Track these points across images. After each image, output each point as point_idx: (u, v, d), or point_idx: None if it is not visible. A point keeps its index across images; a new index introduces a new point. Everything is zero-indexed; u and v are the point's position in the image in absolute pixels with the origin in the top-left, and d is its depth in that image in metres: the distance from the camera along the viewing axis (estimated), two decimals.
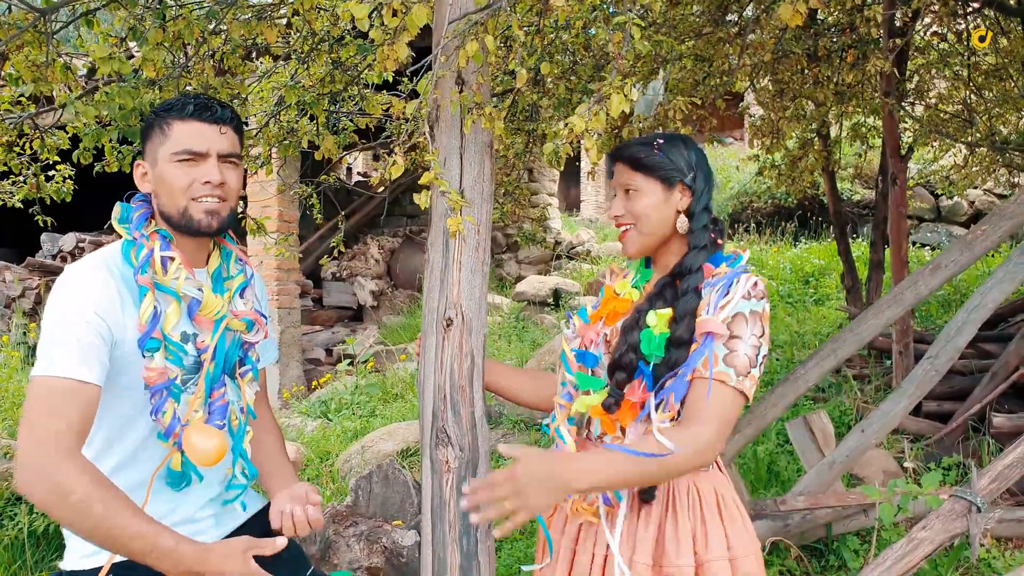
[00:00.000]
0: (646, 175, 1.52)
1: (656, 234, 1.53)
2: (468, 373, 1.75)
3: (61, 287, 1.34)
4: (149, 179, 1.45)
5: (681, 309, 1.42)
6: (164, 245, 1.41)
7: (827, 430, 3.15)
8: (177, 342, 1.41)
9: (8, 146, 2.90)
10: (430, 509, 1.74)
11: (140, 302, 1.37)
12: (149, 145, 1.45)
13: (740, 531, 1.48)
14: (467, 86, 1.74)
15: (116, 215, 1.46)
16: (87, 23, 2.51)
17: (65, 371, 1.25)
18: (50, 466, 1.20)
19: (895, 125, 4.08)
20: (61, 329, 1.29)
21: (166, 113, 1.43)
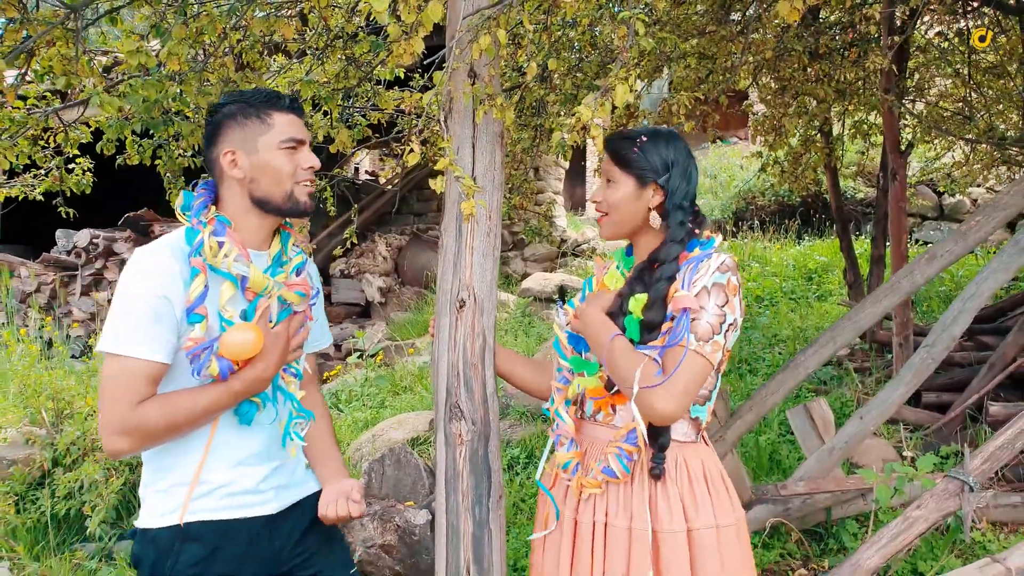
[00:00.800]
0: (622, 169, 1.62)
1: (626, 224, 1.64)
2: (480, 352, 1.84)
3: (131, 269, 1.47)
4: (241, 166, 1.54)
5: (653, 295, 1.53)
6: (220, 230, 1.52)
7: (827, 417, 3.23)
8: (229, 318, 1.52)
9: (33, 140, 2.99)
10: (444, 480, 1.83)
11: (192, 280, 1.49)
12: (242, 133, 1.54)
13: (724, 502, 1.58)
14: (479, 78, 1.83)
15: (179, 203, 1.57)
16: (111, 20, 2.61)
17: (134, 351, 1.41)
18: (129, 425, 1.41)
19: (895, 122, 4.16)
20: (130, 309, 1.43)
21: (265, 104, 1.55)
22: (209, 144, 1.59)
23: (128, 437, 1.42)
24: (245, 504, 1.56)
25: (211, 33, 2.34)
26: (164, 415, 1.43)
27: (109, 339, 1.43)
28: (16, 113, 2.79)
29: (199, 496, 1.52)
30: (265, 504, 1.59)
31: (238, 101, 1.57)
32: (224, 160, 1.55)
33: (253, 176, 1.55)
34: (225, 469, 1.55)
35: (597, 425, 1.65)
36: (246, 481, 1.57)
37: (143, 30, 2.85)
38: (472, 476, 1.80)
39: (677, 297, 1.49)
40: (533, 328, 6.78)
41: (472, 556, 1.78)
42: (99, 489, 3.40)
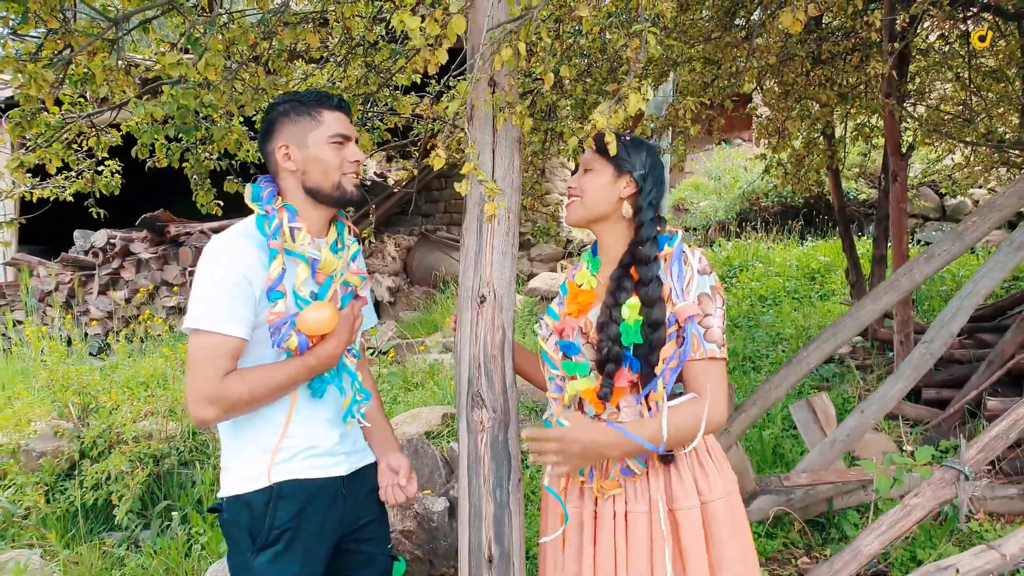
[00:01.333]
0: (604, 157, 1.75)
1: (595, 211, 1.76)
2: (499, 344, 1.97)
3: (211, 254, 1.61)
4: (294, 159, 1.69)
5: (650, 295, 1.64)
6: (291, 217, 1.67)
7: (829, 411, 3.35)
8: (304, 297, 1.67)
9: (67, 143, 3.13)
10: (466, 464, 1.95)
11: (271, 261, 1.63)
12: (294, 129, 1.69)
13: (727, 472, 1.72)
14: (499, 87, 1.95)
15: (249, 194, 1.71)
16: (143, 29, 2.74)
17: (218, 326, 1.55)
18: (213, 395, 1.55)
19: (896, 125, 4.27)
20: (213, 289, 1.57)
21: (316, 103, 1.71)
22: (265, 139, 1.73)
23: (214, 406, 1.55)
24: (325, 465, 1.73)
25: (243, 43, 2.47)
26: (248, 386, 1.58)
27: (196, 317, 1.56)
28: (52, 118, 2.92)
29: (284, 460, 1.68)
30: (339, 466, 1.76)
31: (292, 100, 1.72)
32: (279, 153, 1.70)
33: (305, 168, 1.69)
34: (305, 435, 1.71)
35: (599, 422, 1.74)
36: (324, 444, 1.74)
37: (173, 38, 2.99)
38: (493, 461, 1.92)
39: (681, 308, 1.61)
40: None
41: (493, 536, 1.90)
42: (125, 480, 3.53)
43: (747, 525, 1.72)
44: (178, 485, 3.78)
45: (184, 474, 3.82)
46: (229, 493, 1.68)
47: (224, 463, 1.73)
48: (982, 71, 4.61)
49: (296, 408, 1.71)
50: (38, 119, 2.85)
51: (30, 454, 3.80)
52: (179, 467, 3.84)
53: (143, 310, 7.32)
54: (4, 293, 7.86)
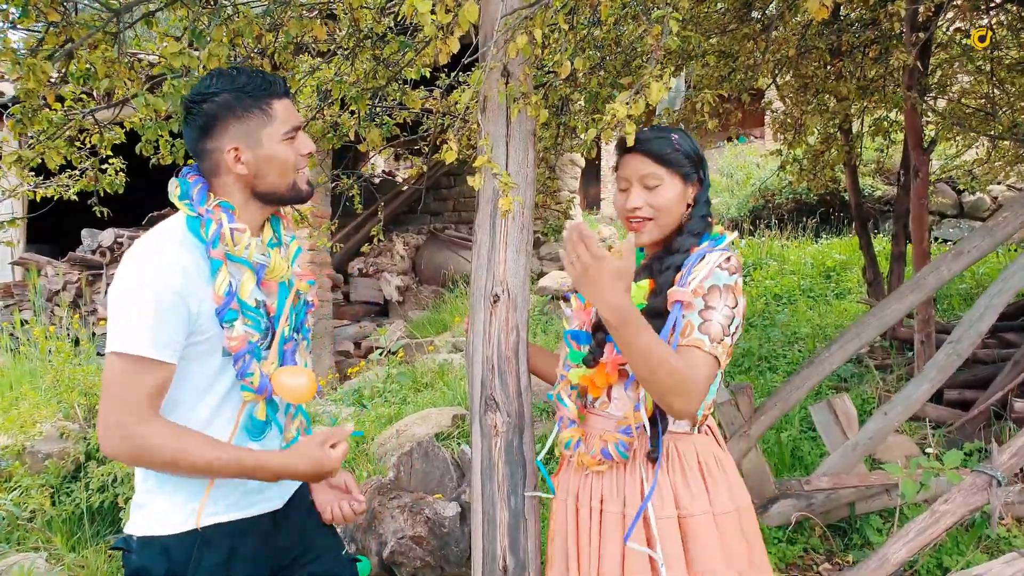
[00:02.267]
0: (670, 170, 1.61)
1: (671, 226, 1.63)
2: (514, 345, 1.89)
3: (136, 264, 1.38)
4: (246, 161, 1.47)
5: (659, 283, 1.56)
6: (230, 218, 1.45)
7: (850, 413, 3.25)
8: (254, 307, 1.48)
9: (70, 140, 3.06)
10: (480, 470, 1.87)
11: (214, 275, 1.42)
12: (243, 127, 1.46)
13: (722, 490, 1.59)
14: (513, 77, 1.87)
15: (176, 192, 1.48)
16: (147, 23, 2.67)
17: (142, 350, 1.33)
18: (133, 433, 1.33)
19: (917, 119, 4.16)
20: (138, 306, 1.34)
21: (264, 94, 1.48)
22: (204, 136, 1.48)
23: (125, 445, 1.34)
24: (256, 502, 1.54)
25: (248, 35, 2.39)
26: (172, 449, 1.35)
27: (118, 339, 1.34)
28: (54, 115, 2.86)
29: (215, 499, 1.47)
30: (272, 500, 1.58)
31: (234, 90, 1.47)
32: (227, 157, 1.47)
33: (258, 171, 1.49)
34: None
35: (595, 414, 1.69)
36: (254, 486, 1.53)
37: (177, 31, 2.92)
38: (507, 466, 1.84)
39: (672, 291, 1.52)
40: (551, 325, 6.82)
41: (508, 544, 1.83)
42: (131, 481, 3.47)
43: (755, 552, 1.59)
44: None
45: None
46: (143, 533, 1.44)
47: (139, 497, 1.48)
48: (1005, 63, 4.49)
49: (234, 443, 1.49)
50: (40, 116, 2.79)
51: (36, 456, 3.75)
52: None
53: None
54: (12, 292, 7.83)
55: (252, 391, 1.49)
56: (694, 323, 1.49)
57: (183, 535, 1.43)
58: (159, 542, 1.43)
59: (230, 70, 1.53)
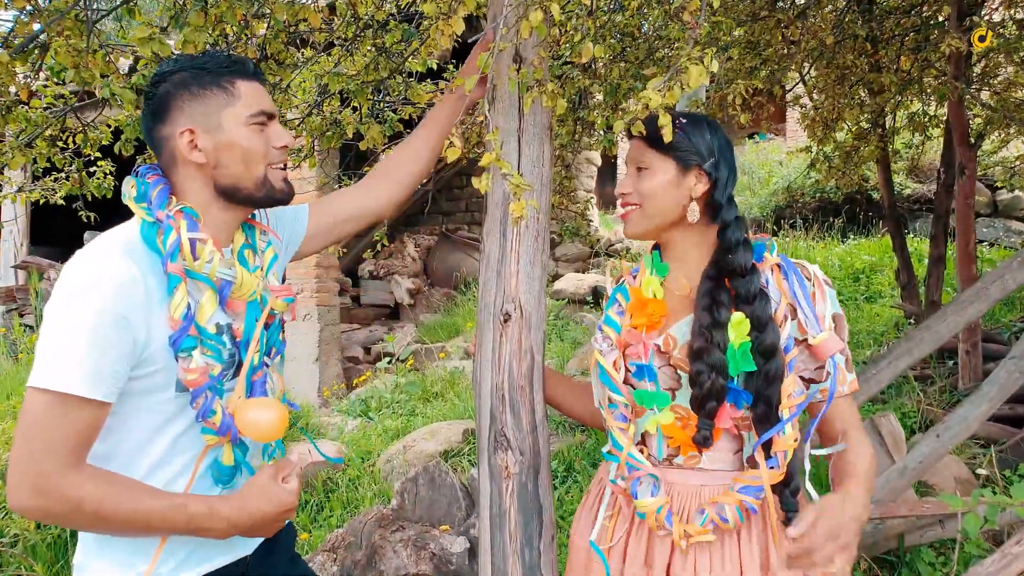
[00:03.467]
0: (661, 153, 1.38)
1: (661, 218, 1.39)
2: (528, 372, 1.63)
3: (74, 279, 1.14)
4: (203, 147, 1.25)
5: (759, 315, 1.29)
6: (191, 225, 1.23)
7: (897, 434, 2.97)
8: (215, 334, 1.24)
9: (51, 140, 2.84)
10: (488, 518, 1.62)
11: (170, 294, 1.19)
12: (200, 107, 1.25)
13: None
14: (526, 62, 1.62)
15: (131, 193, 1.26)
16: (128, 12, 2.45)
17: (71, 386, 1.09)
18: (51, 484, 1.09)
19: (963, 112, 3.87)
20: (72, 333, 1.10)
21: (226, 70, 1.26)
22: (156, 120, 1.27)
23: (39, 499, 1.09)
24: (222, 550, 1.31)
25: (231, 20, 2.15)
26: (98, 500, 1.11)
27: (43, 372, 1.10)
28: (32, 113, 2.65)
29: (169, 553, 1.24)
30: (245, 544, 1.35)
31: (192, 67, 1.26)
32: (181, 141, 1.25)
33: (218, 159, 1.26)
34: None
35: (678, 469, 1.39)
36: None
37: (163, 22, 2.69)
38: (520, 514, 1.59)
39: (823, 343, 1.30)
40: (568, 332, 6.55)
41: None
42: None
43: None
44: None
45: None
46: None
47: (79, 558, 1.26)
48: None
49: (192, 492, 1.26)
50: (15, 112, 2.58)
51: None
52: None
53: None
54: (15, 296, 7.67)
55: (214, 433, 1.24)
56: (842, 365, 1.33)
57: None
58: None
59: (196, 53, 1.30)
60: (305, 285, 6.11)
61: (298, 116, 2.94)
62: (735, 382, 1.29)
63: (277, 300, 1.36)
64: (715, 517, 1.30)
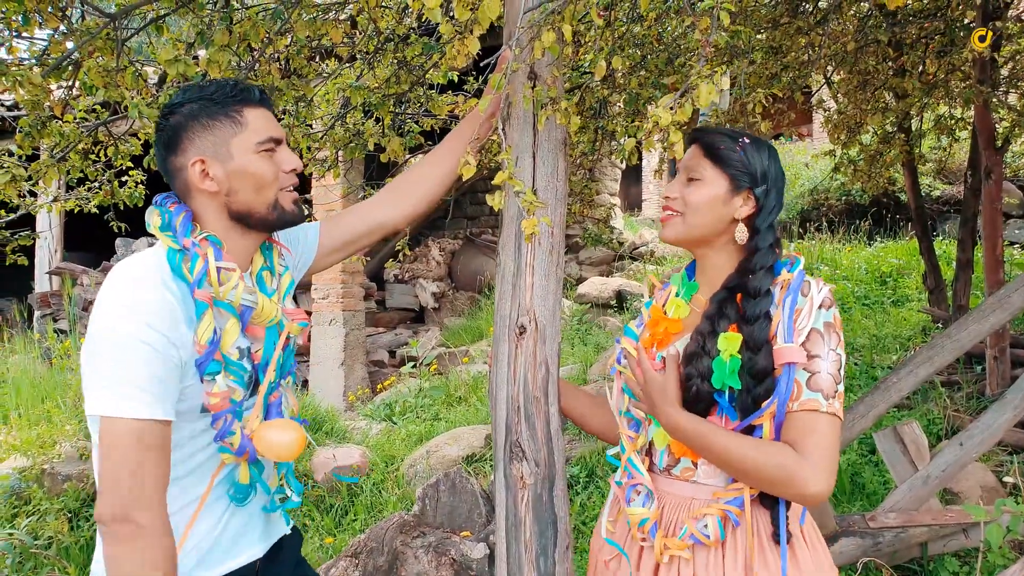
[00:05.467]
0: (717, 166, 1.39)
1: (701, 231, 1.40)
2: (543, 383, 1.66)
3: (118, 307, 1.18)
4: (215, 176, 1.29)
5: (755, 337, 1.29)
6: (217, 253, 1.28)
7: (920, 442, 2.95)
8: (237, 361, 1.29)
9: (84, 153, 2.93)
10: (504, 528, 1.65)
11: (199, 319, 1.24)
12: (210, 137, 1.30)
13: (822, 558, 1.36)
14: (540, 80, 1.65)
15: (156, 222, 1.31)
16: (157, 28, 2.52)
17: (145, 413, 1.16)
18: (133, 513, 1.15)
19: (989, 116, 3.83)
20: (128, 357, 1.16)
21: (233, 100, 1.31)
22: (169, 151, 1.32)
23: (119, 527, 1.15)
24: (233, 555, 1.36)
25: (255, 39, 2.21)
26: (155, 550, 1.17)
27: (107, 400, 1.15)
28: (66, 127, 2.73)
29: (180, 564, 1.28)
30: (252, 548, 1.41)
31: (200, 98, 1.30)
32: (192, 172, 1.29)
33: (230, 187, 1.30)
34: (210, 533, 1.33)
35: (674, 479, 1.42)
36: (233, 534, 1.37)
37: (190, 38, 2.76)
38: (536, 524, 1.62)
39: (780, 350, 1.26)
40: (590, 336, 6.56)
41: None
42: None
43: None
44: None
45: None
46: None
47: (95, 568, 1.29)
48: None
49: (206, 506, 1.31)
50: (50, 128, 2.66)
51: (55, 478, 3.64)
52: None
53: None
54: (49, 302, 7.86)
55: (231, 453, 1.29)
56: (801, 380, 1.25)
57: None
58: None
59: (203, 82, 1.35)
60: (331, 290, 6.19)
61: (322, 128, 3.00)
62: (725, 396, 1.31)
63: (292, 324, 1.40)
64: (696, 532, 1.32)
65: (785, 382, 1.25)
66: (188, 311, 1.24)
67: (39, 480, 3.62)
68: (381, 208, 1.68)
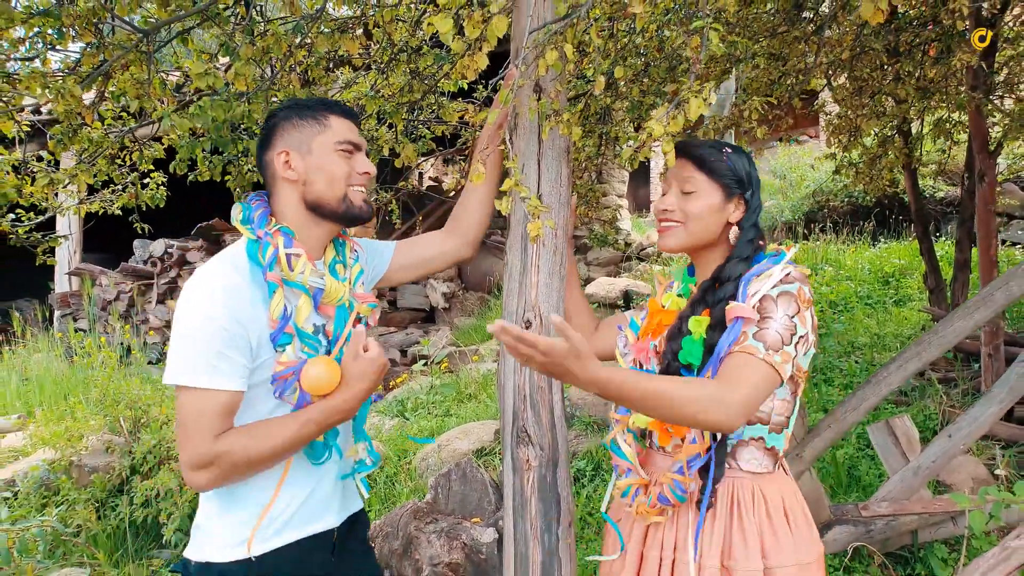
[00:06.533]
0: (711, 178, 1.53)
1: (701, 238, 1.55)
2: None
3: (195, 292, 1.39)
4: (295, 167, 1.50)
5: (716, 315, 1.44)
6: (287, 242, 1.47)
7: (911, 434, 3.07)
8: (311, 334, 1.48)
9: (111, 158, 3.08)
10: (511, 507, 1.78)
11: (270, 298, 1.44)
12: (297, 134, 1.50)
13: (806, 536, 1.48)
14: (545, 93, 1.78)
15: (237, 216, 1.51)
16: (182, 40, 2.67)
17: (202, 381, 1.36)
18: (208, 457, 1.36)
19: (982, 121, 3.94)
20: (199, 336, 1.36)
21: (321, 107, 1.53)
22: (263, 147, 1.55)
23: (209, 471, 1.36)
24: (314, 520, 1.54)
25: (277, 51, 2.36)
26: (246, 448, 1.38)
27: (179, 372, 1.37)
28: (94, 133, 2.88)
29: (268, 528, 1.47)
30: (329, 516, 1.59)
31: (295, 105, 1.55)
32: (278, 161, 1.51)
33: (307, 178, 1.50)
34: (296, 498, 1.51)
35: (665, 455, 1.58)
36: (315, 501, 1.55)
37: (213, 48, 2.90)
38: (541, 503, 1.75)
39: (731, 307, 1.40)
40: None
41: None
42: (174, 497, 3.48)
43: None
44: None
45: None
46: (201, 558, 1.46)
47: (199, 520, 1.52)
48: None
49: (291, 470, 1.51)
50: (80, 135, 2.81)
51: (82, 470, 3.80)
52: None
53: None
54: (69, 302, 8.04)
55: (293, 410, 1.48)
56: (748, 332, 1.38)
57: (239, 563, 1.44)
58: (216, 568, 1.44)
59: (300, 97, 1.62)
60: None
61: None
62: (692, 372, 1.45)
63: (362, 305, 1.60)
64: (668, 493, 1.48)
65: (730, 334, 1.37)
66: (261, 292, 1.44)
67: (67, 471, 3.79)
68: (444, 238, 1.88)
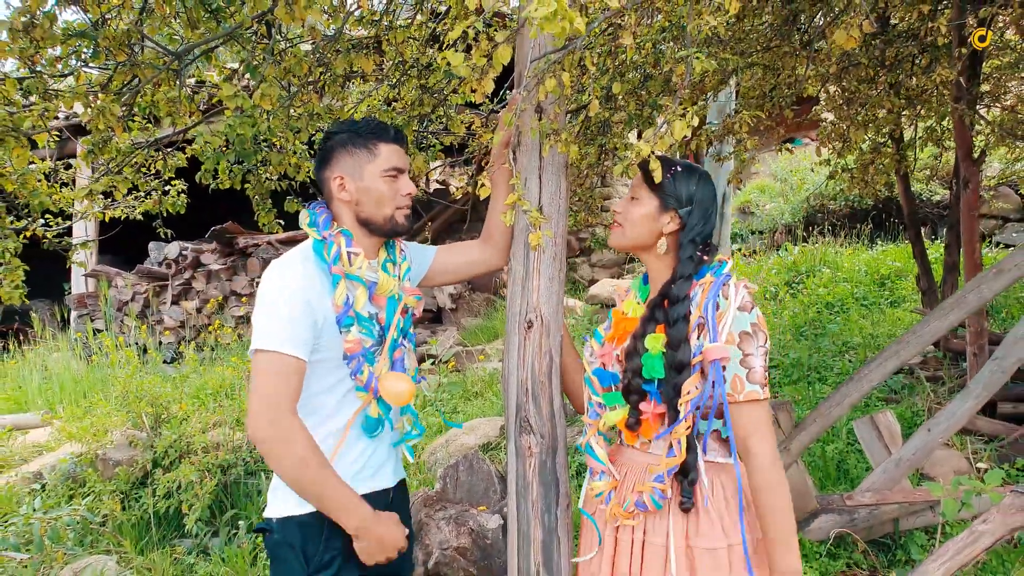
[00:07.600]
0: (651, 190, 1.73)
1: (634, 241, 1.75)
2: (547, 370, 1.97)
3: (274, 278, 1.65)
4: (348, 189, 1.75)
5: (675, 336, 1.60)
6: (348, 242, 1.74)
7: (893, 428, 3.24)
8: (367, 318, 1.73)
9: (137, 167, 3.28)
10: (515, 490, 1.97)
11: (334, 289, 1.70)
12: (351, 161, 1.75)
13: (754, 519, 1.65)
14: (545, 114, 1.96)
15: (305, 220, 1.78)
16: (206, 57, 2.85)
17: (283, 347, 1.59)
18: (278, 419, 1.57)
19: (966, 130, 4.10)
20: (277, 312, 1.61)
21: (372, 135, 1.76)
22: (321, 166, 1.79)
23: (272, 429, 1.56)
24: (374, 478, 1.79)
25: (298, 71, 2.54)
26: (307, 450, 1.59)
27: (260, 337, 1.60)
28: (122, 144, 3.07)
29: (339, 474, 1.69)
30: (386, 476, 1.84)
31: (349, 131, 1.77)
32: (334, 184, 1.76)
33: (359, 199, 1.76)
34: (354, 461, 1.76)
35: (634, 451, 1.75)
36: (373, 461, 1.80)
37: (233, 63, 3.09)
38: (541, 486, 1.93)
39: (708, 349, 1.56)
40: None
41: (542, 560, 1.91)
42: (195, 489, 3.67)
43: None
44: (244, 495, 3.91)
45: (250, 484, 3.94)
46: (281, 514, 1.71)
47: (276, 483, 1.76)
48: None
49: (348, 438, 1.75)
50: (109, 146, 2.99)
51: (107, 463, 3.99)
52: (245, 477, 3.96)
53: (213, 319, 7.58)
54: (85, 303, 8.24)
55: (363, 390, 1.73)
56: (741, 375, 1.56)
57: (315, 513, 1.67)
58: (295, 520, 1.69)
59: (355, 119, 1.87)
60: None
61: None
62: (655, 385, 1.62)
63: (409, 297, 1.85)
64: (646, 500, 1.64)
65: (713, 377, 1.55)
66: (326, 284, 1.71)
67: (93, 464, 3.98)
68: (483, 248, 2.09)
